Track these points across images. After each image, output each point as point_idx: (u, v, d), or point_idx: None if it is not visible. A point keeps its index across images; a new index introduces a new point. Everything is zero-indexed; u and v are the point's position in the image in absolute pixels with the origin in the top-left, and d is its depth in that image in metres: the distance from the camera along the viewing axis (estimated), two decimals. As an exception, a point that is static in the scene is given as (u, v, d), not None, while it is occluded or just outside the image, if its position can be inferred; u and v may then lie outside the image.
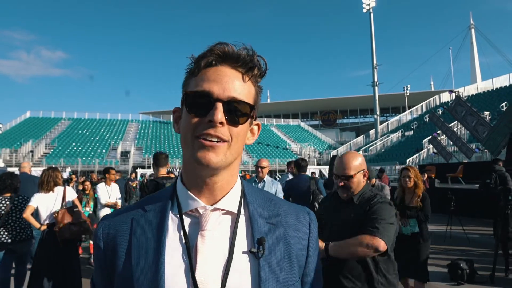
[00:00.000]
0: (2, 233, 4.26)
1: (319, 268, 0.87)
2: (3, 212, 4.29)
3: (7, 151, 30.71)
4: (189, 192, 0.77)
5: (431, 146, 21.52)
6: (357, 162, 2.20)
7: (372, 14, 37.77)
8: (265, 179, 4.94)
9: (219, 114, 0.70)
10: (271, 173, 32.44)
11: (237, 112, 0.74)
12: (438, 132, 21.08)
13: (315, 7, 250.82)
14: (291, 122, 53.96)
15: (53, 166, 5.50)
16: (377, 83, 37.35)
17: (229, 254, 0.73)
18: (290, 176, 6.55)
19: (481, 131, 14.81)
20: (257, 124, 0.85)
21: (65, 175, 18.22)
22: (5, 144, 32.13)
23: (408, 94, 45.20)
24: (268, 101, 68.71)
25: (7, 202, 4.36)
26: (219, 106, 0.71)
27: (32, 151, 32.00)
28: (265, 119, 53.58)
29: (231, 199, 0.79)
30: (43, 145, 33.98)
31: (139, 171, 21.29)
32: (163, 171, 4.12)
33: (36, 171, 16.68)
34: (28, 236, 4.49)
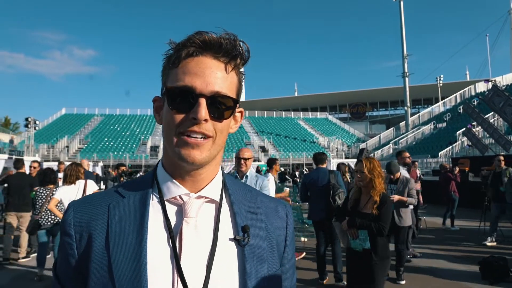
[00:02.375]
0: (44, 217, 5.19)
1: (294, 261, 0.89)
2: (48, 200, 5.20)
3: (44, 146, 32.26)
4: (171, 178, 0.75)
5: (465, 138, 20.64)
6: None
7: (402, 2, 36.48)
8: (248, 173, 4.03)
9: (203, 111, 0.68)
10: (298, 167, 32.29)
11: (221, 107, 0.72)
12: (473, 123, 20.13)
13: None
14: (319, 115, 53.30)
15: (76, 161, 6.03)
16: (407, 73, 36.17)
17: (213, 241, 0.73)
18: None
19: (521, 122, 14.00)
20: (240, 111, 0.83)
21: (98, 169, 18.91)
22: (42, 140, 33.74)
23: (441, 84, 43.44)
24: (296, 94, 68.24)
25: (53, 192, 5.28)
26: (203, 102, 0.69)
27: (67, 147, 33.46)
28: (292, 112, 53.28)
29: (214, 188, 0.78)
30: (77, 141, 35.48)
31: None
32: None
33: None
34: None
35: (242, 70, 0.79)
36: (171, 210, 0.75)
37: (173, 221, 0.73)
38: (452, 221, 9.23)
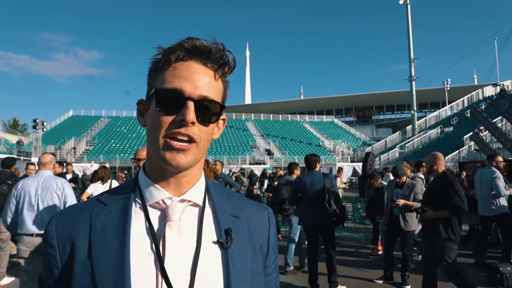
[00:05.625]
0: None
1: (277, 264, 0.89)
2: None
3: (52, 147, 32.53)
4: (154, 183, 0.76)
5: (472, 142, 20.47)
6: None
7: (409, 6, 36.36)
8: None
9: (191, 113, 0.69)
10: (303, 171, 32.13)
11: (208, 111, 0.73)
12: (481, 128, 19.98)
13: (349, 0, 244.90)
14: (325, 118, 53.15)
15: (105, 165, 6.24)
16: (414, 77, 35.98)
17: (197, 244, 0.73)
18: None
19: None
20: (223, 119, 0.84)
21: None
22: (50, 141, 34.05)
23: (448, 88, 43.13)
24: (302, 97, 68.19)
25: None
26: (191, 105, 0.70)
27: (74, 148, 33.73)
28: (298, 115, 53.16)
29: (197, 192, 0.79)
30: (84, 142, 35.74)
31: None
32: None
33: (77, 167, 17.60)
34: None
35: (227, 79, 0.81)
36: (154, 215, 0.75)
37: (156, 225, 0.73)
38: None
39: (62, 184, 3.93)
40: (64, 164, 10.71)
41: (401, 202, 5.20)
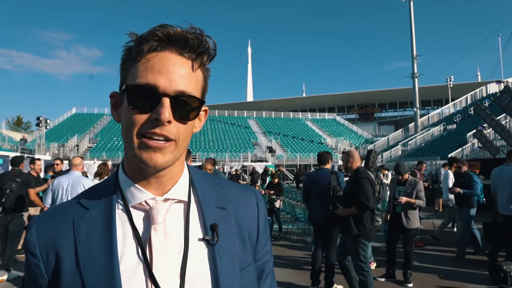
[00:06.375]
0: None
1: (269, 246, 0.86)
2: None
3: (55, 145, 32.66)
4: (134, 184, 0.71)
5: (475, 140, 20.37)
6: None
7: (411, 3, 36.13)
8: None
9: (166, 112, 0.64)
10: (306, 168, 32.16)
11: (186, 108, 0.67)
12: (484, 125, 19.86)
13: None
14: (327, 116, 53.04)
15: (106, 162, 6.20)
16: (417, 74, 35.78)
17: (184, 244, 0.70)
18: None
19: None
20: (205, 110, 0.78)
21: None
22: (53, 139, 34.15)
23: (451, 85, 42.89)
24: (304, 95, 68.08)
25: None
26: (166, 102, 0.64)
27: (77, 145, 33.83)
28: (300, 113, 53.07)
29: (181, 188, 0.75)
30: (87, 140, 35.84)
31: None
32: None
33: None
34: None
35: (208, 67, 0.75)
36: (138, 217, 0.71)
37: (140, 229, 0.70)
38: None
39: (88, 184, 4.82)
40: (66, 162, 10.77)
41: (403, 199, 5.18)
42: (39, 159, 6.69)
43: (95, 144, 35.46)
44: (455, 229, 8.99)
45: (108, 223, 0.69)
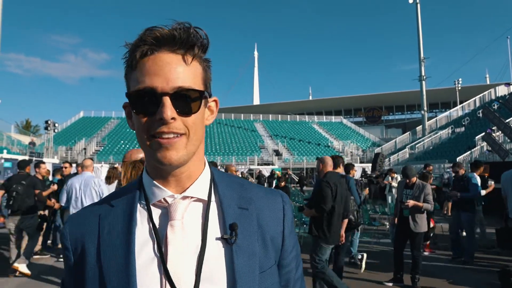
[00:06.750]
0: None
1: (297, 251, 0.84)
2: None
3: (63, 148, 33.02)
4: (155, 182, 0.74)
5: (484, 143, 20.14)
6: None
7: (418, 5, 35.97)
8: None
9: (168, 110, 0.66)
10: (313, 171, 32.05)
11: (187, 101, 0.69)
12: (493, 128, 19.64)
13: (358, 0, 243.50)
14: (333, 119, 52.89)
15: (115, 165, 6.38)
16: (424, 77, 35.54)
17: (202, 242, 0.71)
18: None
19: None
20: (214, 100, 0.80)
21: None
22: (61, 142, 34.52)
23: (459, 88, 42.51)
24: (310, 98, 68.01)
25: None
26: (167, 101, 0.66)
27: (85, 149, 34.14)
28: (307, 116, 53.00)
29: (200, 186, 0.76)
30: (94, 143, 36.16)
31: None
32: None
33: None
34: None
35: (207, 58, 0.75)
36: (157, 214, 0.74)
37: (159, 225, 0.72)
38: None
39: (98, 182, 5.41)
40: (74, 165, 10.87)
41: (411, 203, 5.13)
42: (43, 163, 6.84)
43: (102, 147, 35.74)
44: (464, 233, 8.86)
45: (128, 219, 0.73)
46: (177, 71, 0.68)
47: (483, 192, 6.68)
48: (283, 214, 0.81)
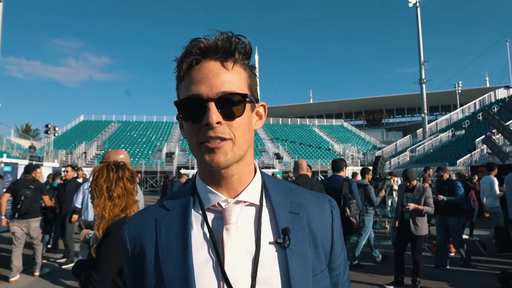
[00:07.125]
0: None
1: (345, 255, 0.86)
2: None
3: (63, 152, 32.99)
4: (208, 187, 0.77)
5: (484, 146, 20.15)
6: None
7: (418, 8, 36.11)
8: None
9: (213, 115, 0.69)
10: (314, 174, 32.01)
11: (231, 105, 0.72)
12: (493, 130, 19.67)
13: (358, 2, 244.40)
14: (334, 122, 52.92)
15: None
16: (424, 80, 35.61)
17: (256, 246, 0.73)
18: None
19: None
20: (262, 105, 0.83)
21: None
22: (61, 146, 34.51)
23: (459, 91, 42.57)
24: (311, 101, 67.99)
25: None
26: (212, 106, 0.70)
27: (85, 153, 34.13)
28: (307, 119, 53.02)
29: (252, 191, 0.78)
30: (95, 147, 36.13)
31: (183, 171, 21.95)
32: None
33: (88, 171, 17.78)
34: None
35: (252, 64, 0.79)
36: (212, 218, 0.76)
37: (214, 229, 0.75)
38: (471, 231, 8.99)
39: None
40: (75, 169, 10.89)
41: (412, 206, 5.14)
42: (39, 167, 6.89)
43: (102, 151, 35.74)
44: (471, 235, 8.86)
45: (184, 222, 0.76)
46: (221, 77, 0.72)
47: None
48: (332, 219, 0.83)
